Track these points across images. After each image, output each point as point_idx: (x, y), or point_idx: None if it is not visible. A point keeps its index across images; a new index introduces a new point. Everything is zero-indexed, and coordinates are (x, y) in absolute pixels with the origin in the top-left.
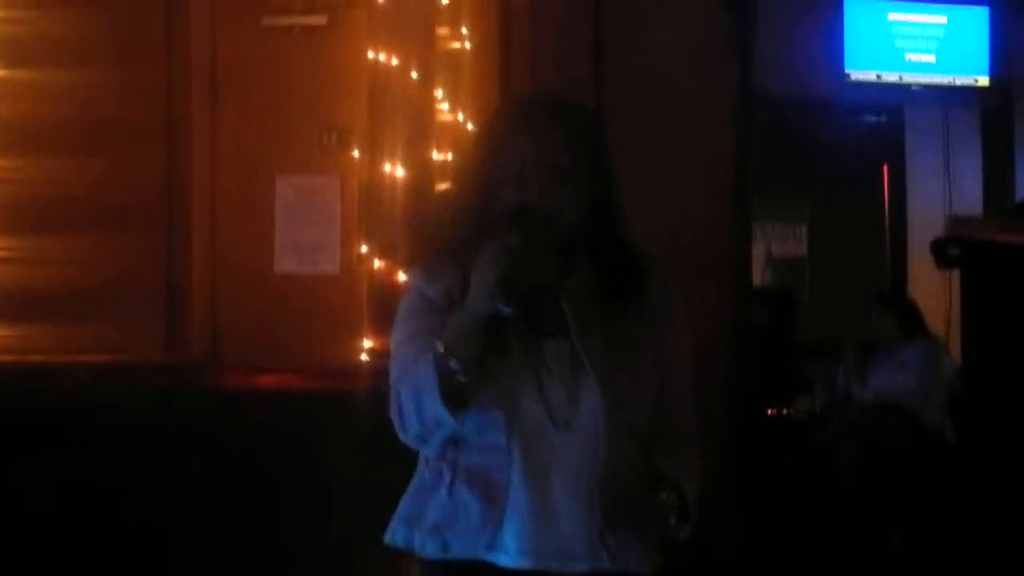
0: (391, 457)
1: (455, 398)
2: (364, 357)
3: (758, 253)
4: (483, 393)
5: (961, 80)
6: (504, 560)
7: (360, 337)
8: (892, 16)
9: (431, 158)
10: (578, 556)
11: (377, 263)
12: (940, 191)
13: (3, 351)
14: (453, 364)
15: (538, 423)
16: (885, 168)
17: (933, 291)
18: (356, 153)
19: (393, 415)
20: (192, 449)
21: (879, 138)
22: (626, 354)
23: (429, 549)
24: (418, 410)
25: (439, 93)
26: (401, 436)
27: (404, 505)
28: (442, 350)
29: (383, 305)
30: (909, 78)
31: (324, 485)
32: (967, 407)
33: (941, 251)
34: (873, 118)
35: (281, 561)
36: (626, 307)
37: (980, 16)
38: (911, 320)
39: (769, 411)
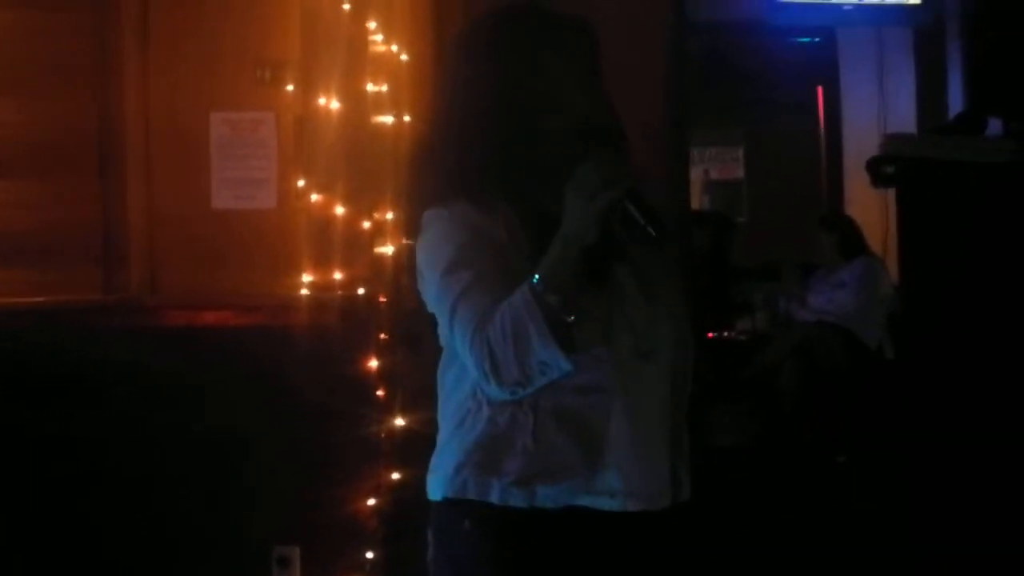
0: (332, 388)
1: (564, 338)
2: (304, 291)
3: (695, 178)
4: (579, 330)
5: None
6: (608, 504)
7: (299, 271)
8: None
9: (366, 90)
10: (664, 492)
11: (314, 196)
12: (874, 110)
13: None
14: (554, 301)
15: (629, 356)
16: (819, 89)
17: (870, 210)
18: (290, 87)
19: (482, 364)
20: (133, 388)
21: (813, 59)
22: (672, 271)
23: (514, 500)
24: (519, 356)
25: (372, 24)
26: (491, 385)
27: (470, 454)
28: (542, 288)
29: (321, 239)
30: None
31: (267, 419)
32: (905, 324)
33: (877, 170)
34: (806, 39)
35: (227, 497)
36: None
37: None
38: (851, 240)
39: (710, 334)
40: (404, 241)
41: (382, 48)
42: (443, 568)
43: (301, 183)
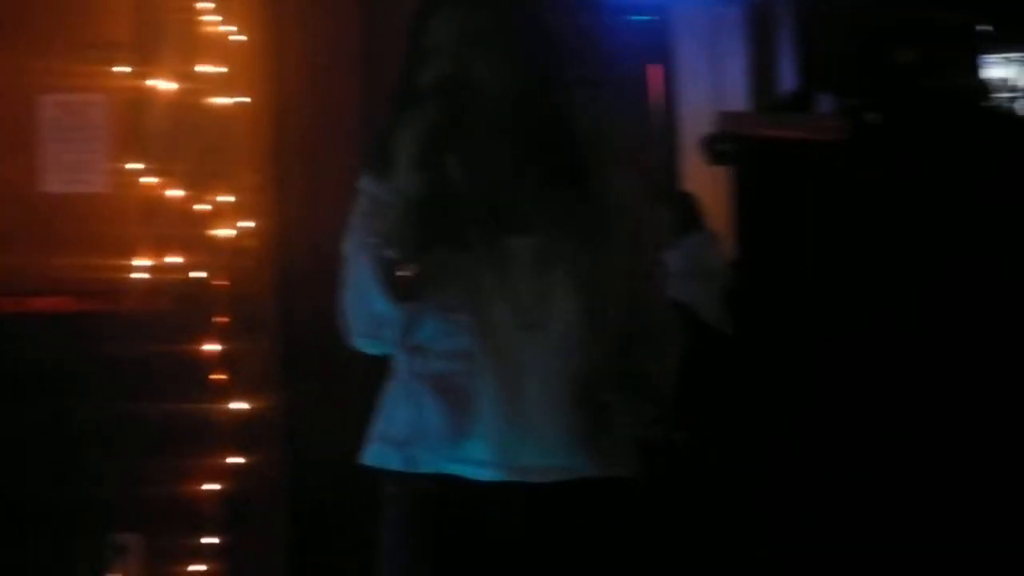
0: (170, 373)
1: (399, 289)
2: (136, 275)
3: None
4: (444, 295)
5: None
6: (470, 472)
7: (132, 255)
8: None
9: (200, 72)
10: (557, 465)
11: (149, 180)
12: (708, 88)
13: None
14: (389, 253)
15: (505, 325)
16: (653, 68)
17: (705, 186)
18: (123, 69)
19: (341, 318)
20: None
21: (645, 37)
22: (597, 247)
23: (395, 463)
24: (361, 307)
25: (206, 5)
26: (351, 340)
27: (376, 422)
28: (380, 241)
29: (157, 222)
30: None
31: (104, 405)
32: (742, 299)
33: (712, 147)
34: (639, 17)
35: (62, 484)
36: (587, 192)
37: None
38: (688, 215)
39: None
40: (244, 223)
41: (217, 28)
42: (382, 532)
43: (134, 166)
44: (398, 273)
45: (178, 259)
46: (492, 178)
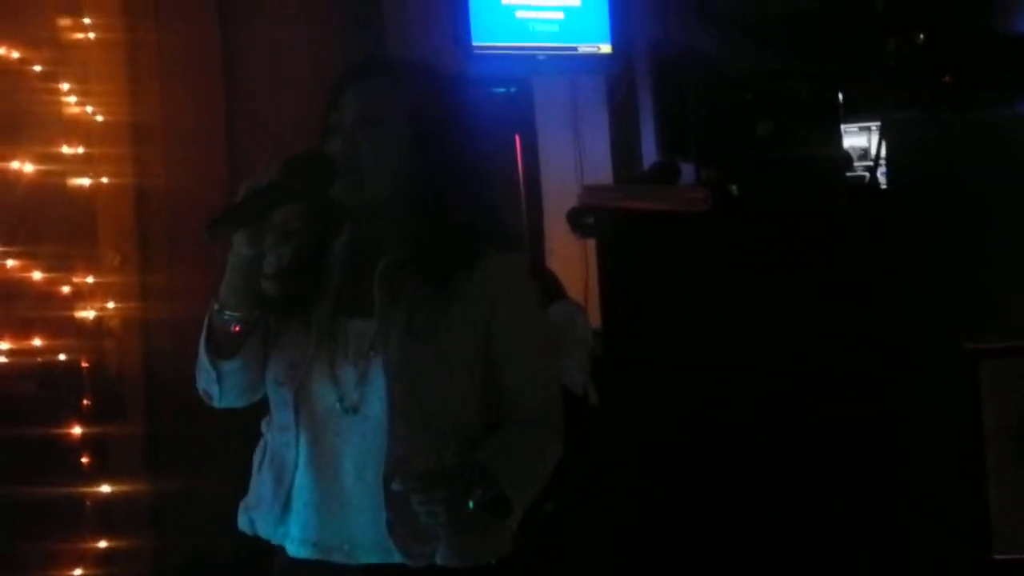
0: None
1: (219, 345)
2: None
3: None
4: (276, 366)
5: (585, 48)
6: (290, 547)
7: None
8: None
9: (61, 152)
10: (367, 549)
11: (10, 262)
12: (572, 159)
13: None
14: (226, 315)
15: (327, 405)
16: (517, 138)
17: (571, 259)
18: None
19: None
20: None
21: (510, 109)
22: (439, 343)
23: (243, 525)
24: (198, 362)
25: (65, 86)
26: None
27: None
28: (217, 298)
29: (18, 304)
30: (534, 48)
31: None
32: (607, 369)
33: (576, 220)
34: (502, 89)
35: None
36: (451, 285)
37: None
38: (549, 288)
39: None
40: (108, 304)
41: (78, 109)
42: None
43: None
44: (220, 329)
45: (40, 341)
46: (346, 261)
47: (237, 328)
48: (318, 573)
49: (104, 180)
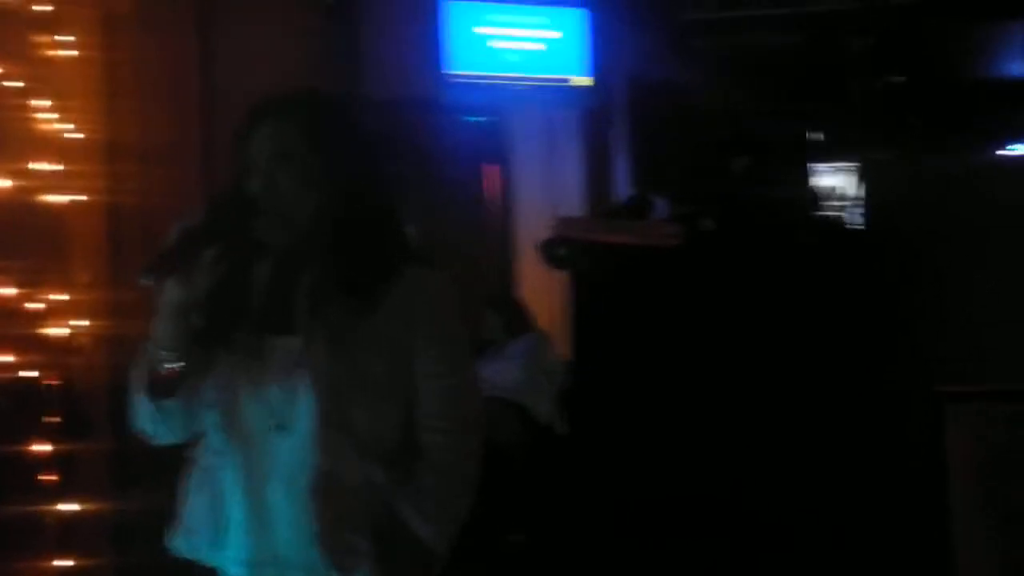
0: None
1: (162, 386)
2: None
3: None
4: (205, 391)
5: (562, 80)
6: (229, 568)
7: None
8: (492, 16)
9: (34, 169)
10: (297, 566)
11: None
12: (545, 190)
13: None
14: (162, 354)
15: (255, 424)
16: (490, 169)
17: (543, 290)
18: None
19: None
20: None
21: (483, 138)
22: (363, 356)
23: (177, 549)
24: (132, 399)
25: (45, 103)
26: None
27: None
28: (151, 340)
29: None
30: (510, 77)
31: None
32: (579, 400)
33: (549, 251)
34: (477, 119)
35: None
36: (374, 305)
37: (581, 17)
38: (518, 320)
39: None
40: (77, 322)
41: (53, 126)
42: None
43: None
44: (158, 371)
45: (9, 358)
46: (270, 282)
47: (175, 369)
48: None
49: (77, 197)
